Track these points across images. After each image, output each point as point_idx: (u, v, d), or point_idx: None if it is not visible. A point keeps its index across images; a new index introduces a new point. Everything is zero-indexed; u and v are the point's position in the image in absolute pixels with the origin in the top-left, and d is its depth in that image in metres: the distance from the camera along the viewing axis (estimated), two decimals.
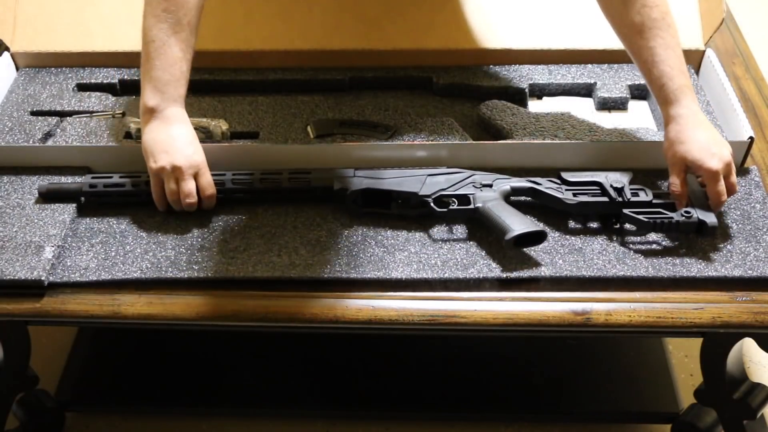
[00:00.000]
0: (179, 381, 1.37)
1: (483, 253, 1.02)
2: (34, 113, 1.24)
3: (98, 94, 1.28)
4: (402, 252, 1.02)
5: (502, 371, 1.38)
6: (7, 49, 1.31)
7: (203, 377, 1.37)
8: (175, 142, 1.03)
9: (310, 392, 1.35)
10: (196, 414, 1.40)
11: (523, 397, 1.35)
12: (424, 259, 1.01)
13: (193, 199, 1.04)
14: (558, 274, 0.99)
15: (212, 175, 1.07)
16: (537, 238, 1.01)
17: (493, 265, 1.01)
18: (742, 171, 1.13)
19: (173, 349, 1.41)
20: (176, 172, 1.02)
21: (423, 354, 1.40)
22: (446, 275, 0.99)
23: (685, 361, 1.46)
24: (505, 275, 0.99)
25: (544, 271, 0.99)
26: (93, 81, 1.29)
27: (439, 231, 1.06)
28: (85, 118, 1.22)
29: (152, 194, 1.05)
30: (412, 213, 1.07)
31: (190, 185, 1.03)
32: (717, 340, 1.06)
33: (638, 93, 1.28)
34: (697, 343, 1.07)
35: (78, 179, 1.10)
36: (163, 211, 1.07)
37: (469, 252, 1.03)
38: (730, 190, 1.03)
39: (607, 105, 1.26)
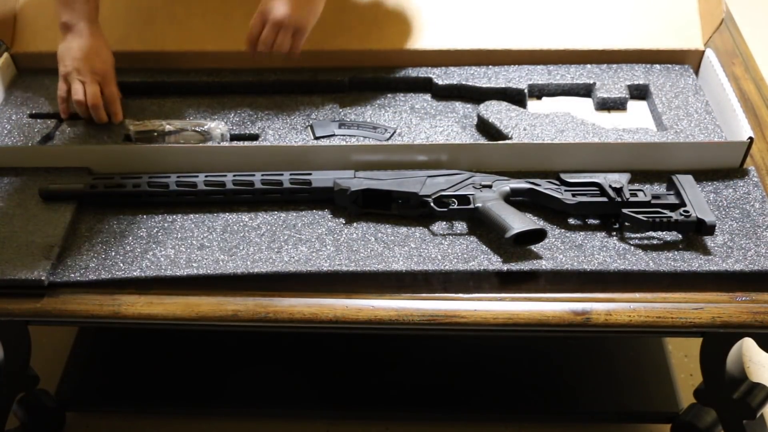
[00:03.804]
0: (179, 381, 1.37)
1: (483, 248, 1.03)
2: (32, 116, 1.24)
3: None
4: (402, 247, 1.03)
5: (502, 371, 1.38)
6: (7, 49, 1.31)
7: (203, 377, 1.37)
8: (82, 51, 1.16)
9: (310, 392, 1.35)
10: (196, 414, 1.40)
11: (523, 397, 1.35)
12: (424, 254, 1.02)
13: (97, 101, 1.16)
14: (558, 268, 0.99)
15: (212, 176, 1.08)
16: (537, 236, 1.02)
17: (494, 258, 1.01)
18: (742, 171, 1.13)
19: (173, 349, 1.41)
20: (81, 75, 1.16)
21: (423, 354, 1.40)
22: (447, 267, 1.00)
23: (685, 361, 1.47)
24: (506, 268, 1.00)
25: (545, 265, 1.00)
26: None
27: (439, 227, 1.06)
28: (82, 120, 1.22)
29: (57, 99, 1.19)
30: (412, 213, 1.07)
31: (93, 88, 1.16)
32: (717, 340, 1.06)
33: (637, 93, 1.28)
34: (697, 343, 1.07)
35: (79, 180, 1.10)
36: (65, 118, 1.19)
37: (469, 247, 1.03)
38: (277, 44, 1.14)
39: (606, 105, 1.26)
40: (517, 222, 1.00)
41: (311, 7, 1.16)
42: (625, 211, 1.03)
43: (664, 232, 1.05)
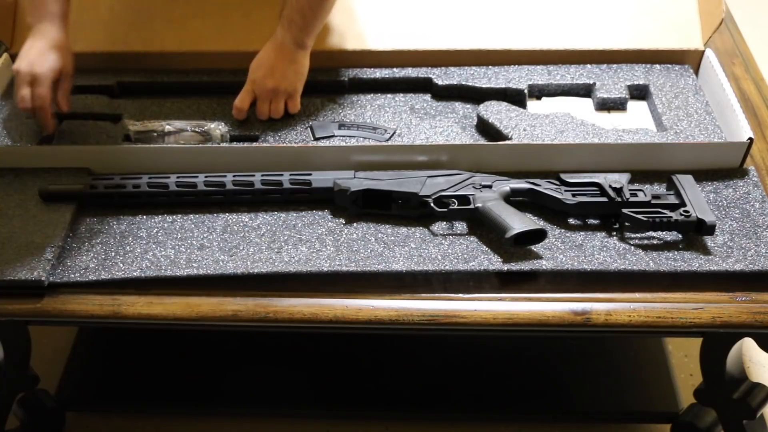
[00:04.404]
0: (179, 381, 1.37)
1: (484, 248, 1.03)
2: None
3: (95, 96, 1.28)
4: (402, 247, 1.03)
5: (502, 371, 1.38)
6: (7, 49, 1.31)
7: (203, 377, 1.37)
8: (31, 51, 1.14)
9: (310, 392, 1.35)
10: (196, 414, 1.40)
11: (523, 397, 1.35)
12: (424, 254, 1.02)
13: (25, 104, 1.14)
14: (558, 268, 0.99)
15: (212, 176, 1.08)
16: (537, 236, 1.02)
17: (494, 258, 1.01)
18: (742, 171, 1.13)
19: (173, 349, 1.41)
20: (19, 76, 1.14)
21: (423, 354, 1.40)
22: (447, 267, 1.00)
23: (685, 361, 1.47)
24: (506, 268, 1.00)
25: (545, 265, 1.00)
26: (91, 83, 1.29)
27: (439, 227, 1.06)
28: (82, 121, 1.22)
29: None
30: (412, 213, 1.07)
31: (22, 92, 1.14)
32: (717, 340, 1.06)
33: (637, 93, 1.28)
34: (697, 343, 1.07)
35: (79, 181, 1.10)
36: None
37: (469, 247, 1.03)
38: (273, 112, 1.20)
39: (606, 105, 1.26)
40: (517, 222, 1.00)
41: (296, 70, 1.19)
42: (625, 211, 1.03)
43: (664, 232, 1.05)
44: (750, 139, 1.11)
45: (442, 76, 1.29)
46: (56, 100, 1.18)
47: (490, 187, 1.07)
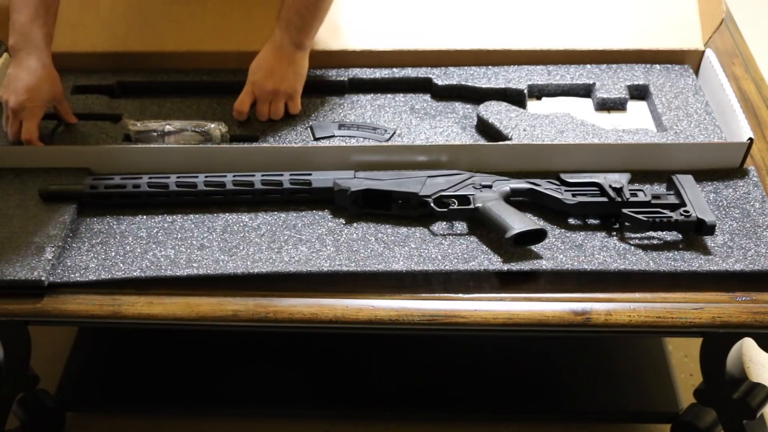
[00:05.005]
0: (179, 381, 1.37)
1: (484, 248, 1.03)
2: None
3: (95, 96, 1.28)
4: (402, 247, 1.03)
5: (502, 371, 1.38)
6: (7, 50, 1.31)
7: (203, 377, 1.37)
8: (18, 84, 1.12)
9: (310, 392, 1.35)
10: (196, 414, 1.40)
11: (523, 397, 1.35)
12: (424, 254, 1.02)
13: (14, 138, 1.15)
14: (558, 268, 0.99)
15: (212, 176, 1.08)
16: (537, 236, 1.02)
17: (494, 258, 1.01)
18: (742, 171, 1.13)
19: (173, 349, 1.41)
20: (6, 108, 1.13)
21: (423, 354, 1.40)
22: (447, 267, 1.00)
23: (685, 361, 1.47)
24: (506, 268, 1.00)
25: (545, 265, 1.00)
26: (90, 83, 1.30)
27: (439, 227, 1.06)
28: (82, 121, 1.22)
29: None
30: (412, 213, 1.07)
31: (12, 128, 1.14)
32: (717, 340, 1.06)
33: (637, 93, 1.28)
34: (697, 343, 1.07)
35: (79, 180, 1.10)
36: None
37: (469, 247, 1.03)
38: (273, 113, 1.20)
39: (606, 105, 1.26)
40: (517, 222, 1.00)
41: (296, 71, 1.19)
42: (625, 211, 1.03)
43: (664, 232, 1.05)
44: (750, 139, 1.11)
45: (441, 76, 1.29)
46: (62, 117, 1.20)
47: (490, 187, 1.08)
